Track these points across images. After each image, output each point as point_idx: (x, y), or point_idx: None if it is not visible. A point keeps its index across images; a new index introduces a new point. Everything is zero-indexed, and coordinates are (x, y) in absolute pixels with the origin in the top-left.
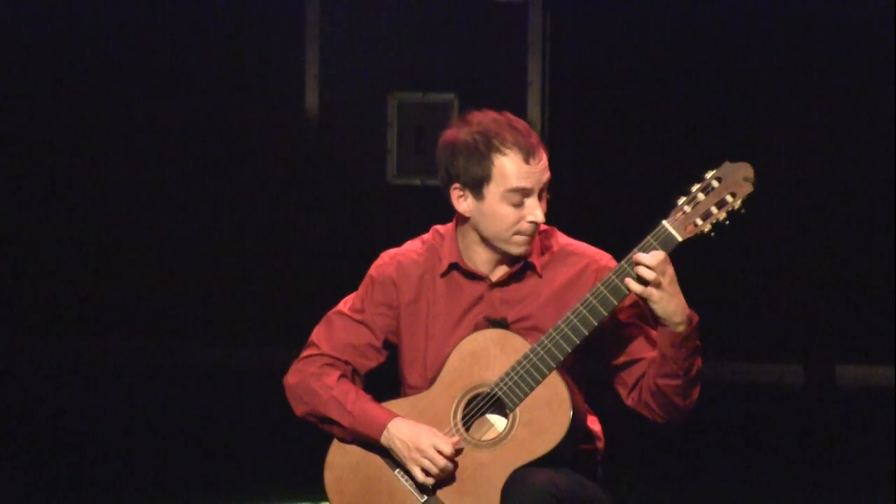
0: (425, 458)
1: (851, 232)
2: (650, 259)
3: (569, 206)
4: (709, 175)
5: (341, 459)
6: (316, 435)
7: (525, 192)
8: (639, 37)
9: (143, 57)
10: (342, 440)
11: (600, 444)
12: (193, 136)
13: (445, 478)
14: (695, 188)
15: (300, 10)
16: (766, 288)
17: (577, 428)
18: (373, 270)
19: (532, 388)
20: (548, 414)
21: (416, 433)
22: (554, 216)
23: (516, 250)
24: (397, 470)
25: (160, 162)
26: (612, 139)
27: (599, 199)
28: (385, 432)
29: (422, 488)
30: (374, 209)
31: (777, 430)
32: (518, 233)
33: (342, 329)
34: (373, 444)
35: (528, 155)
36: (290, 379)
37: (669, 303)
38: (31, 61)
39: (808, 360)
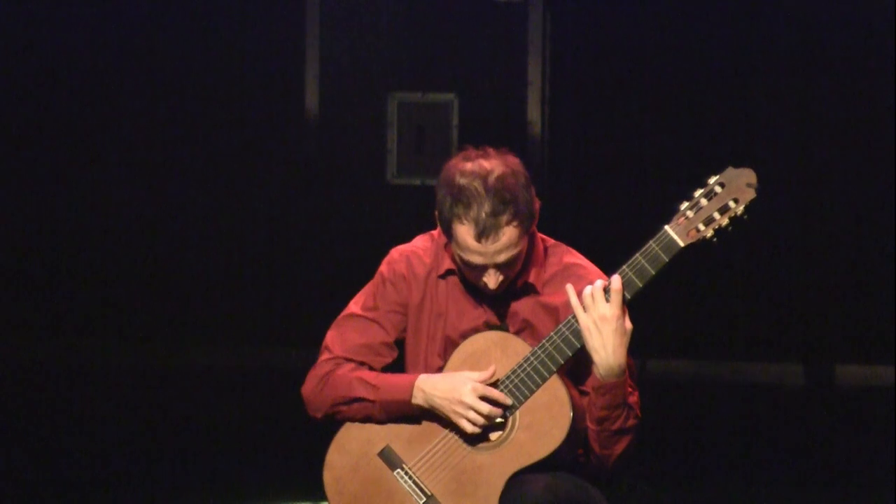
0: (470, 409)
1: (851, 232)
2: (594, 288)
3: (568, 207)
4: (712, 180)
5: (341, 460)
6: (316, 435)
7: (474, 267)
8: (639, 37)
9: (143, 57)
10: (374, 419)
11: None
12: (194, 135)
13: (492, 424)
14: (697, 193)
15: (300, 9)
16: (765, 288)
17: (576, 432)
18: (384, 268)
19: (532, 392)
20: (548, 417)
21: (453, 386)
22: (554, 217)
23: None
24: (397, 470)
25: (160, 162)
26: (613, 139)
27: (599, 201)
28: (416, 392)
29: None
30: (374, 209)
31: (777, 430)
32: (478, 283)
33: (354, 330)
34: (407, 413)
35: (480, 234)
36: (307, 385)
37: (591, 337)
38: (31, 61)
39: (808, 360)
